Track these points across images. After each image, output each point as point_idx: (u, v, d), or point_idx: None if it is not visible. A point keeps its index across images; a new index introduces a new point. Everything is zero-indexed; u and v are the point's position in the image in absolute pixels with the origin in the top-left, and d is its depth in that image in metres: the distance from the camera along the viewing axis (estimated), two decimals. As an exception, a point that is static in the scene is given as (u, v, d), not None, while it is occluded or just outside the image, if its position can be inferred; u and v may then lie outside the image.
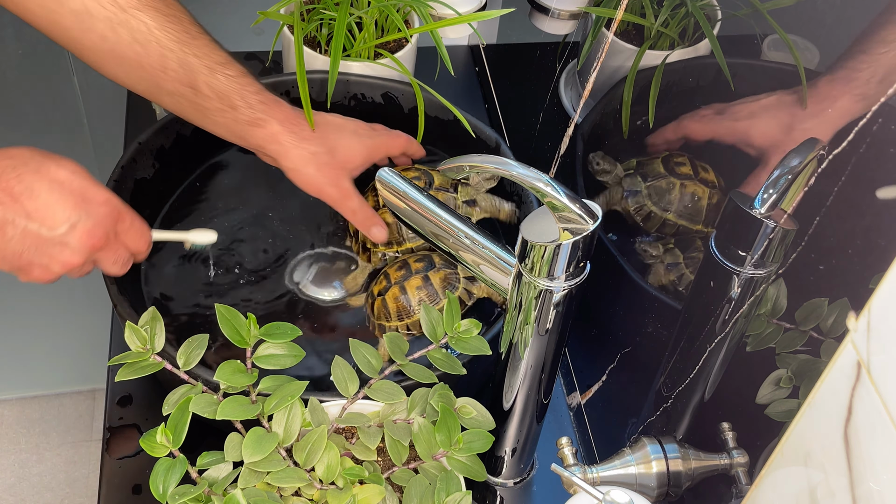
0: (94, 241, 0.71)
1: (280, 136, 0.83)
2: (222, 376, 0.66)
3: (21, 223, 0.68)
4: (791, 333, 0.63)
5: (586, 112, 0.93)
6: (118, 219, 0.74)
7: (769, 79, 0.72)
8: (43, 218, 0.69)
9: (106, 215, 0.72)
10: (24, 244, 0.69)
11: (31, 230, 0.69)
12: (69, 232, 0.70)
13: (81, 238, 0.71)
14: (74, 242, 0.70)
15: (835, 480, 0.50)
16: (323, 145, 0.85)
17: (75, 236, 0.70)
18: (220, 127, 0.82)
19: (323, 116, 0.87)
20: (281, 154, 0.83)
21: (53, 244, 0.70)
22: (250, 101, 0.81)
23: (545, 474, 0.85)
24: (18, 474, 1.81)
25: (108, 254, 0.74)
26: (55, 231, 0.69)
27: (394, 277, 0.85)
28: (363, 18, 0.97)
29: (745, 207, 0.60)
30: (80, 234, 0.70)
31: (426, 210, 0.67)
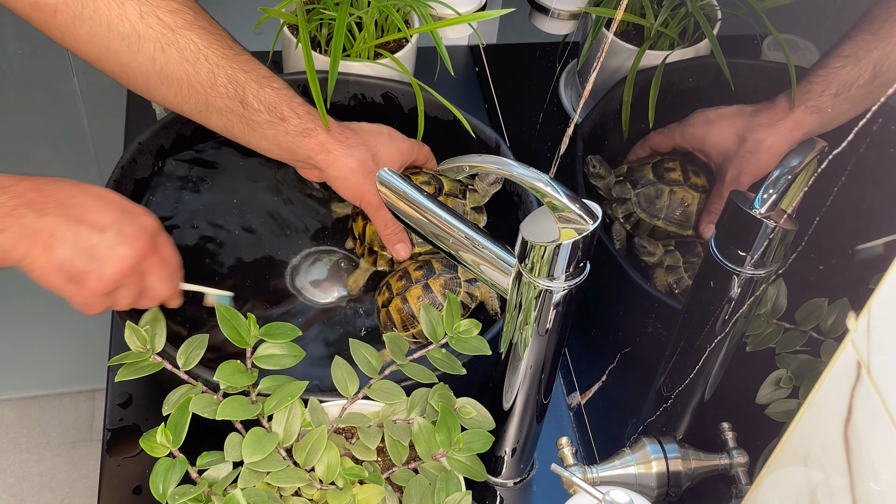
0: (142, 245, 0.72)
1: (328, 145, 0.83)
2: (222, 376, 0.66)
3: (73, 227, 0.69)
4: (791, 333, 0.63)
5: (586, 112, 0.93)
6: (157, 231, 0.75)
7: (769, 79, 0.72)
8: (92, 222, 0.70)
9: (147, 224, 0.73)
10: (77, 248, 0.69)
11: (83, 234, 0.69)
12: (118, 234, 0.70)
13: (130, 240, 0.71)
14: (125, 244, 0.71)
15: (835, 480, 0.50)
16: (368, 152, 0.85)
17: (125, 238, 0.71)
18: (269, 141, 0.82)
19: (356, 123, 0.88)
20: (329, 163, 0.84)
21: (104, 247, 0.70)
22: (298, 112, 0.81)
23: (545, 474, 0.85)
24: (18, 474, 1.81)
25: (153, 263, 0.74)
26: (105, 234, 0.70)
27: (395, 288, 0.86)
28: (363, 18, 0.97)
29: (745, 207, 0.60)
30: (129, 236, 0.71)
31: (426, 210, 0.67)
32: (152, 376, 0.68)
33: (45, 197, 0.69)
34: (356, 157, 0.84)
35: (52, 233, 0.68)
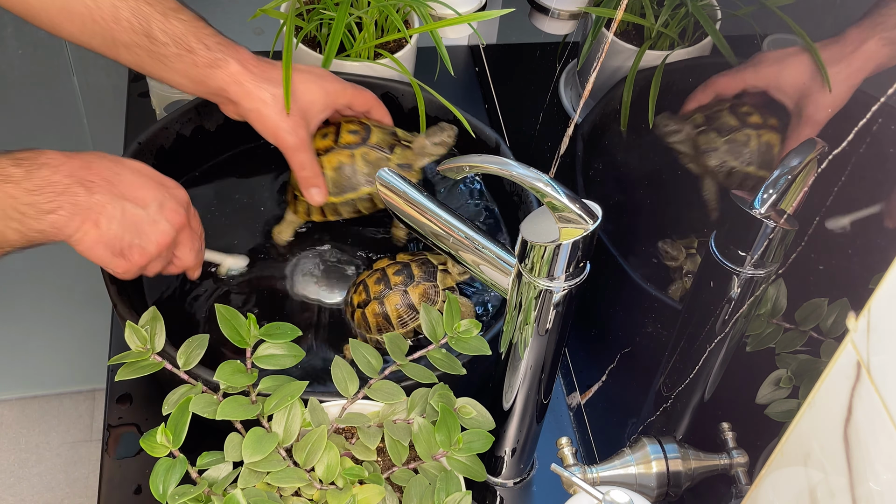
0: (179, 218, 0.76)
1: (241, 77, 0.81)
2: (222, 376, 0.66)
3: (120, 203, 0.72)
4: (791, 333, 0.63)
5: (586, 112, 0.93)
6: (189, 204, 0.78)
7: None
8: (136, 198, 0.73)
9: (182, 198, 0.77)
10: (124, 224, 0.72)
11: (129, 210, 0.72)
12: (158, 210, 0.74)
13: (169, 215, 0.75)
14: (164, 219, 0.74)
15: (835, 480, 0.50)
16: None
17: (164, 213, 0.74)
18: (180, 74, 0.81)
19: None
20: (242, 95, 0.82)
21: (147, 222, 0.73)
22: (207, 43, 0.80)
23: (545, 474, 0.85)
24: (18, 474, 1.81)
25: (186, 236, 0.78)
26: (147, 209, 0.74)
27: (373, 291, 0.85)
28: (363, 18, 0.97)
29: (744, 207, 0.60)
30: (168, 211, 0.75)
31: (426, 210, 0.67)
32: (152, 376, 0.68)
33: (92, 175, 0.72)
34: (271, 91, 0.82)
35: (102, 210, 0.71)
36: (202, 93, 0.84)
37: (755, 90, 0.77)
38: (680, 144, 0.85)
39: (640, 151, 0.91)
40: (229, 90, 0.82)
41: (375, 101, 0.91)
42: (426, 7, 0.95)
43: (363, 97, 0.90)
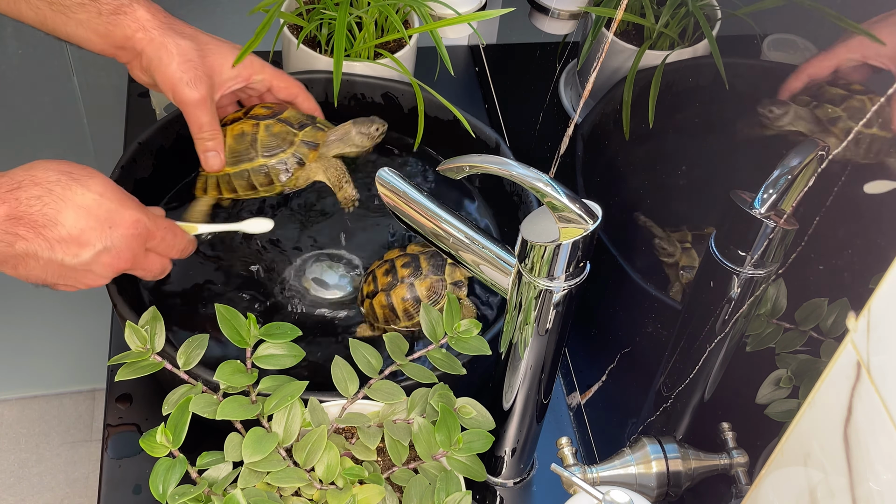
0: (119, 265, 0.71)
1: (148, 23, 0.77)
2: (222, 376, 0.66)
3: (45, 255, 0.68)
4: (791, 333, 0.63)
5: (586, 112, 0.93)
6: (147, 237, 0.73)
7: (769, 78, 0.72)
8: (66, 248, 0.68)
9: (133, 237, 0.71)
10: (47, 272, 0.69)
11: (55, 260, 0.68)
12: (94, 259, 0.69)
13: (106, 264, 0.70)
14: (99, 268, 0.70)
15: (835, 480, 0.50)
16: (194, 42, 0.79)
17: (100, 263, 0.70)
18: (83, 27, 0.77)
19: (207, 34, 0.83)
20: (146, 43, 0.77)
21: (77, 270, 0.70)
22: None
23: (545, 474, 0.85)
24: (18, 474, 1.81)
25: (137, 270, 0.75)
26: (79, 258, 0.69)
27: (381, 283, 0.85)
28: (363, 18, 0.97)
29: (744, 207, 0.60)
30: (106, 260, 0.70)
31: (426, 210, 0.67)
32: (152, 376, 0.68)
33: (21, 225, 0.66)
34: (176, 42, 0.78)
35: (22, 259, 0.68)
36: (109, 49, 0.79)
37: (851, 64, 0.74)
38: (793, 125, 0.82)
39: (640, 151, 0.91)
40: (135, 38, 0.78)
41: (301, 90, 0.88)
42: (426, 7, 0.95)
43: (286, 81, 0.87)
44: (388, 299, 0.84)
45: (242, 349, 0.68)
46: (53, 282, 0.71)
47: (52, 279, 0.70)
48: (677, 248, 0.82)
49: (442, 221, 0.66)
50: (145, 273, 0.76)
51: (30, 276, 0.70)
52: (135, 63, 0.81)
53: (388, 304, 0.84)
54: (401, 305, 0.84)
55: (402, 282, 0.84)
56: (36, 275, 0.69)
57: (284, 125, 0.86)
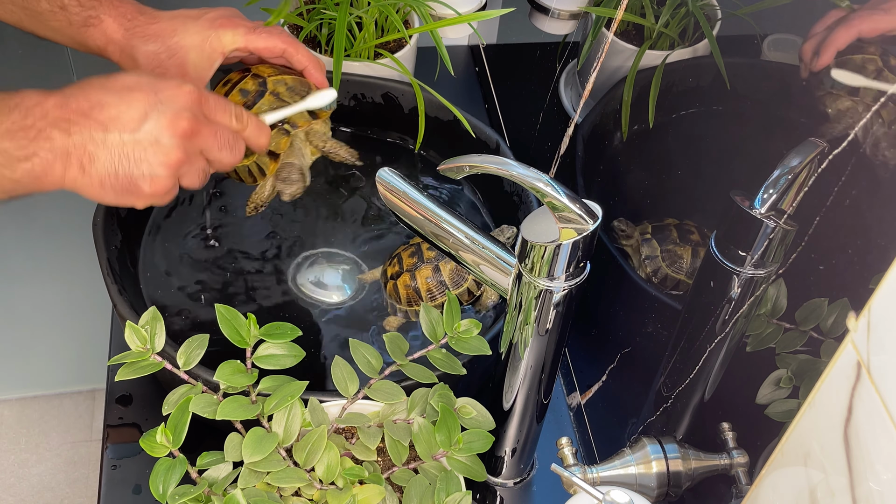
0: (182, 128, 0.66)
1: (114, 34, 0.75)
2: (222, 376, 0.66)
3: (100, 136, 0.64)
4: (791, 333, 0.63)
5: (586, 112, 0.93)
6: (200, 100, 0.68)
7: (769, 78, 0.72)
8: (121, 123, 0.65)
9: (185, 99, 0.67)
10: (113, 159, 0.65)
11: (113, 140, 0.65)
12: (153, 128, 0.65)
13: (167, 129, 0.66)
14: (164, 136, 0.66)
15: (835, 480, 0.50)
16: (160, 42, 0.76)
17: (161, 129, 0.66)
18: (58, 34, 0.75)
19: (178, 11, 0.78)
20: (116, 54, 0.76)
21: (143, 147, 0.65)
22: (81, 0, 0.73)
23: (545, 474, 0.85)
24: (18, 474, 1.81)
25: (206, 139, 0.68)
26: (138, 132, 0.65)
27: (406, 264, 0.87)
28: (363, 18, 0.97)
29: (745, 207, 0.60)
30: (165, 125, 0.66)
31: (426, 210, 0.67)
32: (152, 376, 0.68)
33: (69, 112, 0.64)
34: (143, 50, 0.75)
35: (83, 150, 0.64)
36: (89, 53, 0.77)
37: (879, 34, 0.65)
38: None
39: (640, 151, 0.91)
40: (107, 51, 0.76)
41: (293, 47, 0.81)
42: (426, 7, 0.95)
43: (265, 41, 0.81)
44: (412, 280, 0.86)
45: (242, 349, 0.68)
46: (128, 174, 0.65)
47: (125, 168, 0.65)
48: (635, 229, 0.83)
49: (442, 221, 0.66)
50: (217, 142, 0.69)
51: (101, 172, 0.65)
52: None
53: (411, 285, 0.86)
54: (424, 286, 0.86)
55: (427, 263, 0.86)
56: (104, 168, 0.65)
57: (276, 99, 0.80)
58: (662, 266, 0.81)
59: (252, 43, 0.79)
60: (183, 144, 0.66)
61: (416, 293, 0.86)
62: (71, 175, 0.64)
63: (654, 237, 0.83)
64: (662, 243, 0.82)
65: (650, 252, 0.82)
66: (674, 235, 0.83)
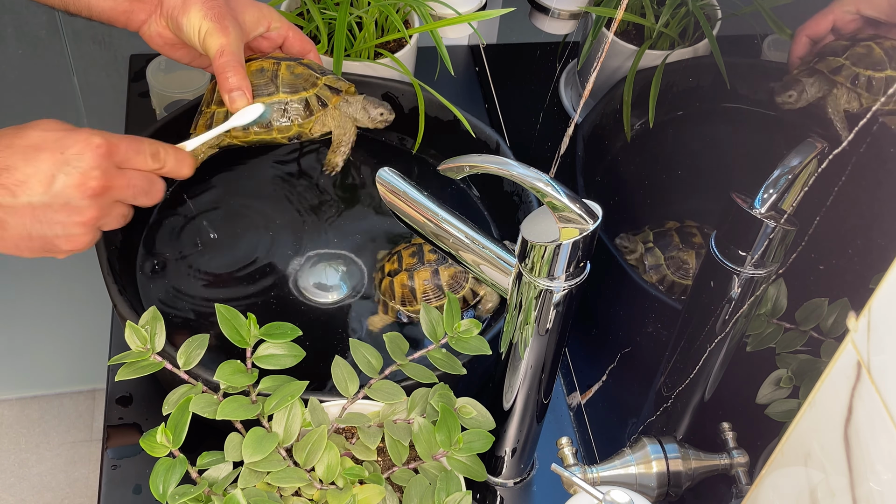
0: (92, 188, 0.65)
1: None
2: (222, 376, 0.66)
3: (9, 202, 0.64)
4: (791, 333, 0.63)
5: (586, 112, 0.93)
6: (110, 152, 0.67)
7: (769, 78, 0.72)
8: (29, 188, 0.64)
9: (92, 155, 0.66)
10: (24, 222, 0.65)
11: (23, 204, 0.64)
12: (62, 191, 0.64)
13: (77, 190, 0.65)
14: (74, 198, 0.65)
15: (835, 480, 0.50)
16: None
17: (70, 191, 0.65)
18: None
19: None
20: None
21: (54, 210, 0.65)
22: None
23: (545, 474, 0.85)
24: (18, 474, 1.81)
25: (120, 191, 0.68)
26: (46, 195, 0.64)
27: (406, 263, 0.87)
28: (363, 18, 0.97)
29: (745, 207, 0.60)
30: (74, 186, 0.65)
31: (426, 210, 0.67)
32: (152, 376, 0.68)
33: None
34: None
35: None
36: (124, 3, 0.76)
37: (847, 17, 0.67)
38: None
39: (640, 151, 0.91)
40: None
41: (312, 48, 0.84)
42: (426, 7, 0.95)
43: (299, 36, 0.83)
44: (410, 280, 0.85)
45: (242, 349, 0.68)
46: (42, 235, 0.65)
47: (38, 230, 0.65)
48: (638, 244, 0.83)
49: (442, 221, 0.66)
50: (132, 191, 0.69)
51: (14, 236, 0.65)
52: (153, 18, 0.78)
53: (408, 285, 0.86)
54: (421, 287, 0.85)
55: (426, 265, 0.86)
56: (17, 231, 0.65)
57: (307, 68, 0.82)
58: (668, 274, 0.81)
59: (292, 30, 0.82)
60: (96, 203, 0.66)
61: (412, 294, 0.86)
62: None
63: (657, 245, 0.83)
64: (665, 250, 0.82)
65: (654, 262, 0.82)
66: (676, 241, 0.83)
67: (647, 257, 0.83)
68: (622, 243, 0.85)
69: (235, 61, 0.75)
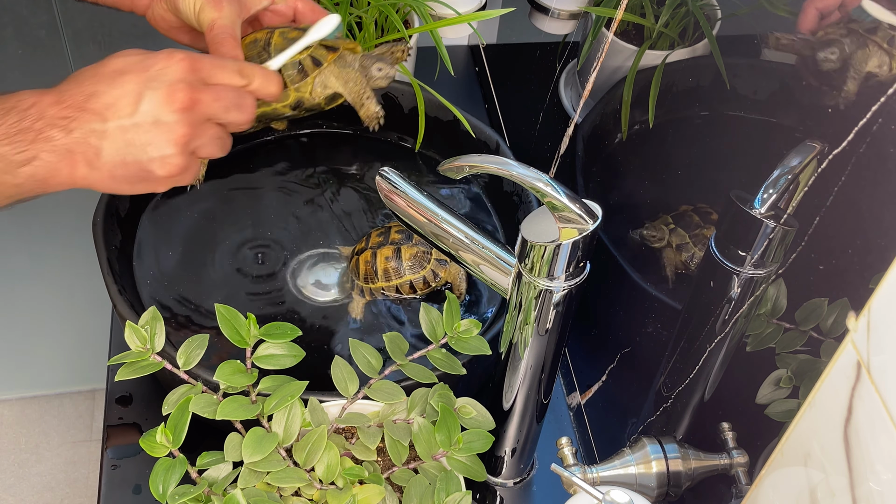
0: (180, 101, 0.64)
1: None
2: (222, 376, 0.66)
3: (100, 127, 0.63)
4: (791, 333, 0.63)
5: (586, 112, 0.93)
6: (194, 67, 0.65)
7: (769, 78, 0.72)
8: (117, 110, 0.63)
9: (176, 69, 0.65)
10: (117, 147, 0.63)
11: (114, 129, 0.63)
12: (150, 108, 0.63)
13: (165, 105, 0.63)
14: (163, 113, 0.63)
15: (835, 480, 0.50)
16: None
17: (158, 107, 0.63)
18: None
19: None
20: None
21: (145, 129, 0.63)
22: None
23: (545, 474, 0.85)
24: (18, 474, 1.81)
25: (209, 105, 0.66)
26: (136, 115, 0.63)
27: (372, 241, 0.89)
28: (363, 18, 0.97)
29: (745, 207, 0.60)
30: (161, 102, 0.63)
31: (426, 210, 0.67)
32: (152, 376, 0.68)
33: (65, 109, 0.63)
34: None
35: (87, 145, 0.63)
36: None
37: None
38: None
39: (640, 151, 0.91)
40: None
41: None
42: (426, 7, 0.95)
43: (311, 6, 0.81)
44: (372, 257, 0.87)
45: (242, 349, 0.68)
46: (137, 160, 0.64)
47: (133, 155, 0.63)
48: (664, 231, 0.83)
49: (442, 221, 0.66)
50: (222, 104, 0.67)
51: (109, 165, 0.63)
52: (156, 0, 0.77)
53: (371, 262, 0.87)
54: (382, 265, 0.87)
55: (390, 244, 0.87)
56: (111, 158, 0.63)
57: (302, 32, 0.79)
58: (696, 251, 0.80)
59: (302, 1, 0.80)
60: (186, 118, 0.64)
61: (374, 271, 0.87)
62: (80, 173, 0.63)
63: (678, 225, 0.83)
64: (688, 229, 0.82)
65: (680, 240, 0.81)
66: (696, 220, 0.82)
67: (672, 238, 0.82)
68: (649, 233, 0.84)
69: (226, 34, 0.74)
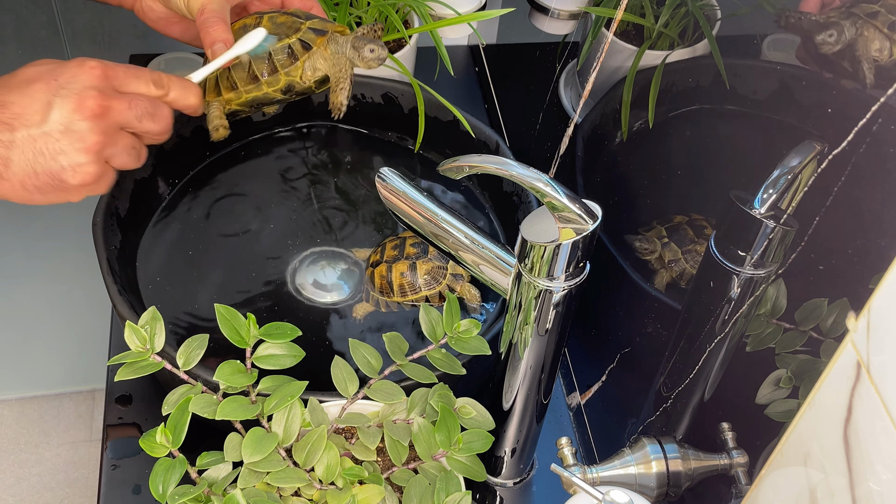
0: (90, 108, 0.62)
1: None
2: (222, 376, 0.66)
3: (7, 137, 0.61)
4: (791, 333, 0.63)
5: (586, 112, 0.93)
6: (106, 75, 0.64)
7: (769, 79, 0.72)
8: (26, 119, 0.62)
9: (87, 77, 0.63)
10: (27, 157, 0.62)
11: (22, 139, 0.61)
12: (60, 116, 0.62)
13: (75, 112, 0.62)
14: (73, 121, 0.62)
15: (835, 480, 0.50)
16: None
17: (68, 115, 0.62)
18: None
19: None
20: None
21: (54, 138, 0.62)
22: None
23: (545, 474, 0.85)
24: (18, 474, 1.81)
25: (121, 113, 0.64)
26: (44, 124, 0.62)
27: (387, 255, 0.89)
28: (363, 18, 0.97)
29: (745, 207, 0.60)
30: (71, 109, 0.62)
31: (426, 210, 0.67)
32: (152, 376, 0.68)
33: None
34: None
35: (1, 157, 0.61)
36: None
37: None
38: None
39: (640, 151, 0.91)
40: None
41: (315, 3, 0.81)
42: (426, 7, 0.95)
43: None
44: (388, 271, 0.88)
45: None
46: (48, 169, 0.62)
47: (42, 164, 0.62)
48: (656, 243, 0.83)
49: (442, 221, 0.66)
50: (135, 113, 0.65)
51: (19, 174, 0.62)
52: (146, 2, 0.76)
53: (386, 276, 0.88)
54: (398, 280, 0.87)
55: (405, 259, 0.88)
56: (21, 168, 0.62)
57: (290, 17, 0.78)
58: (687, 268, 0.81)
59: None
60: (97, 125, 0.63)
61: (389, 286, 0.88)
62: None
63: (671, 239, 0.83)
64: (681, 244, 0.82)
65: (673, 256, 0.82)
66: (690, 234, 0.83)
67: (665, 253, 0.82)
68: (641, 245, 0.84)
69: (216, 17, 0.73)
